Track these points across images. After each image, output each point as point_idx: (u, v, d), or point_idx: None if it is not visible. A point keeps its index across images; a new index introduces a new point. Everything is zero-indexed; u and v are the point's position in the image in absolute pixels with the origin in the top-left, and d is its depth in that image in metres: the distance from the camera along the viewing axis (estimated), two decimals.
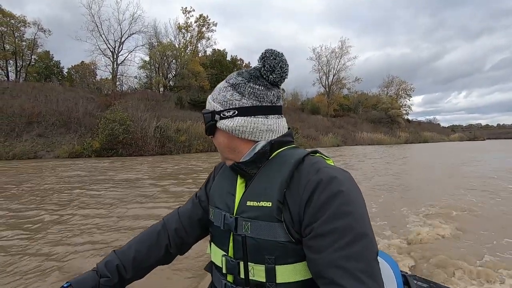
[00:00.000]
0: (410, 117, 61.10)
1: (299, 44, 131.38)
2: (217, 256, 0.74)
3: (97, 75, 35.19)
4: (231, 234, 0.68)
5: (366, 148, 28.78)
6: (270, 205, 0.62)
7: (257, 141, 0.70)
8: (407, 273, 1.02)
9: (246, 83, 0.69)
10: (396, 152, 23.01)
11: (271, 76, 0.69)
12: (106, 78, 34.06)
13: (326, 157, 0.72)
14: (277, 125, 0.71)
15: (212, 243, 0.79)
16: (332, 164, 0.68)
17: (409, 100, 59.00)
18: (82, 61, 36.95)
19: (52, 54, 31.16)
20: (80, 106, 19.37)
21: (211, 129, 0.73)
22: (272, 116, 0.71)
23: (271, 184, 0.64)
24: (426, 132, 56.06)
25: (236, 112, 0.69)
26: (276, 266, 0.61)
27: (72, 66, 36.00)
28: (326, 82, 50.65)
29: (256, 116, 0.69)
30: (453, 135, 63.96)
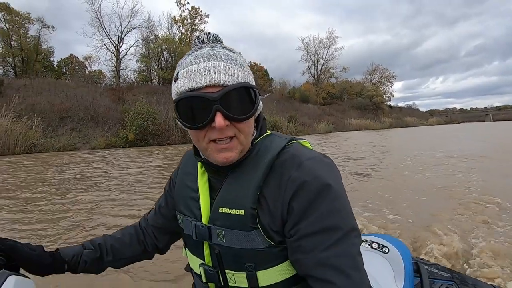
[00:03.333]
0: (392, 103, 65.00)
1: (282, 32, 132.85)
2: (195, 264, 0.70)
3: (87, 68, 35.68)
4: (206, 243, 0.65)
5: (359, 133, 31.25)
6: (243, 213, 0.58)
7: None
8: (417, 257, 0.99)
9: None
10: (389, 134, 25.74)
11: None
12: (95, 71, 34.70)
13: (301, 139, 0.68)
14: None
15: (187, 249, 0.74)
16: (309, 147, 0.67)
17: (391, 87, 62.75)
18: (71, 54, 37.25)
19: (52, 48, 31.35)
20: (99, 101, 20.74)
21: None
22: None
23: (244, 188, 0.60)
24: (407, 117, 60.08)
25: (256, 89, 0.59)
26: (257, 272, 0.59)
27: (61, 59, 36.22)
28: (315, 72, 53.06)
29: None
30: (431, 119, 68.80)
